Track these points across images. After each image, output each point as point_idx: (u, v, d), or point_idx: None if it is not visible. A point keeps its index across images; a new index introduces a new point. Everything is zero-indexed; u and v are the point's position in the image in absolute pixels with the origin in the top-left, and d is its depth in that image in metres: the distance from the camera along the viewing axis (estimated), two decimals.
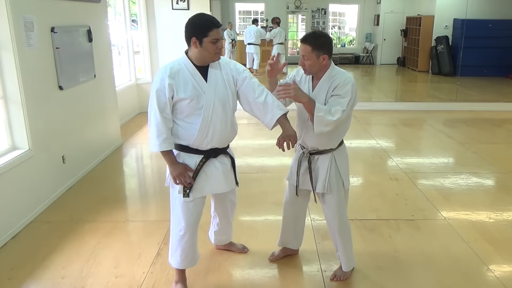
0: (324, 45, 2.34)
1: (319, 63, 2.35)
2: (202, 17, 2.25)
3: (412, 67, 13.16)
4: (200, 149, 2.37)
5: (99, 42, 4.94)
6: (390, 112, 7.74)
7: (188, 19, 2.26)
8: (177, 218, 2.49)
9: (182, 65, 2.28)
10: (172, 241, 2.55)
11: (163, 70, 2.26)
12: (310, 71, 2.41)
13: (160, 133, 2.24)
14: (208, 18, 2.25)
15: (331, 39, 2.43)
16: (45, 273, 2.81)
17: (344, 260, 2.72)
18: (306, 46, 2.33)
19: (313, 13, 15.17)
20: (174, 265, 2.58)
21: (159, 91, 2.23)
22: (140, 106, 7.43)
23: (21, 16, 3.45)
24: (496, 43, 11.12)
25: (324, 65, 2.37)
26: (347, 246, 2.69)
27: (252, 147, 5.50)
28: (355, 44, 15.48)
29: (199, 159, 2.39)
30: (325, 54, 2.33)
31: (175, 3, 7.36)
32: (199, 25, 2.21)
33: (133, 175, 4.85)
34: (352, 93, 2.37)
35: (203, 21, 2.23)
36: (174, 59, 2.34)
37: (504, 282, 2.72)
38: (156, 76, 2.27)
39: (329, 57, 2.36)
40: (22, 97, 3.45)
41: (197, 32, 2.21)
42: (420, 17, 12.56)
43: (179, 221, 2.47)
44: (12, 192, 3.35)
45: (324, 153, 2.52)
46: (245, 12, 15.64)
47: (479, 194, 4.13)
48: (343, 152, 2.58)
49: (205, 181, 2.43)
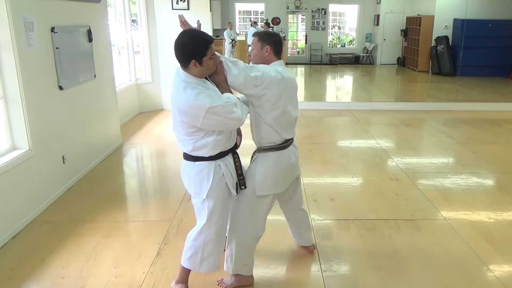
0: (269, 38, 2.47)
1: (263, 53, 2.46)
2: (195, 37, 2.18)
3: (412, 67, 13.16)
4: (229, 148, 2.43)
5: (99, 42, 4.94)
6: (390, 112, 7.74)
7: (178, 40, 2.18)
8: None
9: (200, 82, 2.24)
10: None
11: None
12: (254, 60, 2.50)
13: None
14: (201, 36, 2.19)
15: (280, 38, 2.54)
16: (45, 273, 2.81)
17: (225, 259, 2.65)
18: (254, 37, 2.52)
19: (313, 13, 15.18)
20: (205, 270, 2.53)
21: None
22: (140, 106, 7.43)
23: (21, 16, 3.45)
24: (496, 43, 11.12)
25: (266, 57, 2.45)
26: (229, 248, 2.61)
27: (252, 147, 5.48)
28: (355, 44, 15.48)
29: (231, 157, 2.45)
30: (268, 46, 2.45)
31: (175, 3, 7.36)
32: (196, 47, 2.16)
33: (133, 175, 4.86)
34: (260, 72, 2.29)
35: (198, 41, 2.17)
36: (182, 79, 2.23)
37: (504, 282, 2.72)
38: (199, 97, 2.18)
39: (272, 50, 2.45)
40: (22, 97, 3.45)
41: (195, 54, 2.16)
42: (420, 17, 12.56)
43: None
44: (12, 192, 3.35)
45: (255, 153, 2.57)
46: (245, 12, 15.64)
47: (479, 194, 4.13)
48: (266, 159, 2.49)
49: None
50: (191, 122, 2.22)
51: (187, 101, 2.17)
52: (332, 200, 3.92)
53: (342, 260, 2.97)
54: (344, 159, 5.08)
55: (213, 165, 2.35)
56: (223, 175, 2.38)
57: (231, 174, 2.43)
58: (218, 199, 2.39)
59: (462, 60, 10.33)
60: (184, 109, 2.20)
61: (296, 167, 2.65)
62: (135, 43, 7.39)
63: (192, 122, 2.21)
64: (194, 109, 2.17)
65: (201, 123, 2.19)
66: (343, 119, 7.15)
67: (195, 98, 2.15)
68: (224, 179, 2.39)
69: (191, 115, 2.19)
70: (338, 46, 15.46)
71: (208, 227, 2.43)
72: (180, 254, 3.00)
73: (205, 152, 2.31)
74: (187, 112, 2.19)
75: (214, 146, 2.31)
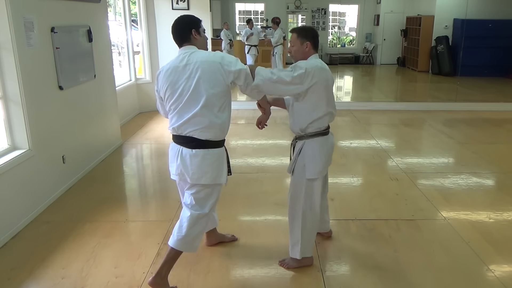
0: (308, 34, 2.65)
1: (303, 49, 2.63)
2: (189, 15, 2.57)
3: (412, 67, 13.16)
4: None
5: (99, 42, 4.94)
6: (390, 112, 7.74)
7: (179, 20, 2.53)
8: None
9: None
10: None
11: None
12: (295, 56, 2.68)
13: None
14: (194, 16, 2.59)
15: (316, 32, 2.73)
16: (45, 273, 2.81)
17: (290, 245, 2.85)
18: (293, 34, 2.69)
19: (313, 13, 15.18)
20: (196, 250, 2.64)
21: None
22: (140, 106, 7.43)
23: (21, 16, 3.45)
24: (496, 43, 11.11)
25: (307, 52, 2.64)
26: (293, 234, 2.81)
27: (252, 147, 5.50)
28: (355, 44, 15.48)
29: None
30: (308, 41, 2.63)
31: (175, 3, 7.36)
32: (194, 20, 2.53)
33: (133, 175, 4.85)
34: (302, 69, 2.50)
35: (194, 17, 2.56)
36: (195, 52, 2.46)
37: (504, 282, 2.72)
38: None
39: (311, 45, 2.64)
40: (22, 97, 3.45)
41: (194, 25, 2.50)
42: (420, 17, 12.56)
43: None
44: (12, 192, 3.35)
45: (300, 140, 2.72)
46: (245, 12, 15.64)
47: (479, 194, 4.13)
48: (315, 143, 2.67)
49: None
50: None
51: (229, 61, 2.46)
52: (332, 200, 3.92)
53: (342, 260, 2.98)
54: (344, 159, 5.08)
55: (224, 150, 2.59)
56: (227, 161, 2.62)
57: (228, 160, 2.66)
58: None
59: (462, 60, 10.34)
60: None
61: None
62: (135, 43, 7.39)
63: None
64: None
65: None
66: (343, 119, 7.15)
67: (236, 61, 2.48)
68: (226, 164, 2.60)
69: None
70: (338, 46, 15.46)
71: (207, 214, 2.59)
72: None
73: (224, 136, 2.54)
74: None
75: (227, 128, 2.54)
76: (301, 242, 2.77)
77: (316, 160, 2.67)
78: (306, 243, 2.79)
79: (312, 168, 2.67)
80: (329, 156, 2.76)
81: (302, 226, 2.75)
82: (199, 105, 2.37)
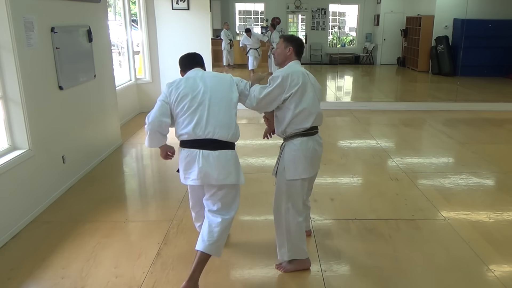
0: (293, 40, 2.78)
1: (285, 52, 2.75)
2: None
3: (412, 67, 13.16)
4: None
5: (99, 42, 4.94)
6: (390, 112, 7.74)
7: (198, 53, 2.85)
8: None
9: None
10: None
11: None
12: (277, 58, 2.80)
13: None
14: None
15: (302, 42, 2.86)
16: (45, 273, 2.81)
17: (277, 247, 2.84)
18: (280, 39, 2.85)
19: (313, 13, 15.18)
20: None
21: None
22: (140, 106, 7.43)
23: (21, 16, 3.45)
24: (496, 43, 11.12)
25: (288, 56, 2.75)
26: (278, 235, 2.81)
27: (252, 147, 5.50)
28: (355, 44, 15.48)
29: None
30: (291, 46, 2.74)
31: (175, 3, 7.36)
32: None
33: (133, 175, 4.85)
34: (274, 82, 2.62)
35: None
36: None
37: (504, 282, 2.72)
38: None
39: (294, 51, 2.74)
40: (22, 97, 3.45)
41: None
42: (420, 17, 12.56)
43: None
44: (12, 192, 3.35)
45: (284, 142, 2.77)
46: (245, 12, 15.64)
47: (479, 194, 4.13)
48: (293, 144, 2.69)
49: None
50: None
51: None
52: (332, 200, 3.93)
53: (342, 260, 2.97)
54: (344, 159, 5.08)
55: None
56: None
57: None
58: None
59: (462, 60, 10.34)
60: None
61: (319, 158, 2.83)
62: (135, 43, 7.39)
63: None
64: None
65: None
66: (343, 119, 7.15)
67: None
68: None
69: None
70: (338, 46, 15.46)
71: (233, 218, 2.70)
72: (180, 254, 3.02)
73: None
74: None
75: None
76: (287, 244, 2.76)
77: (295, 161, 2.67)
78: (294, 245, 2.76)
79: (292, 169, 2.67)
80: (311, 158, 2.70)
81: (286, 227, 2.73)
82: (223, 108, 2.53)
